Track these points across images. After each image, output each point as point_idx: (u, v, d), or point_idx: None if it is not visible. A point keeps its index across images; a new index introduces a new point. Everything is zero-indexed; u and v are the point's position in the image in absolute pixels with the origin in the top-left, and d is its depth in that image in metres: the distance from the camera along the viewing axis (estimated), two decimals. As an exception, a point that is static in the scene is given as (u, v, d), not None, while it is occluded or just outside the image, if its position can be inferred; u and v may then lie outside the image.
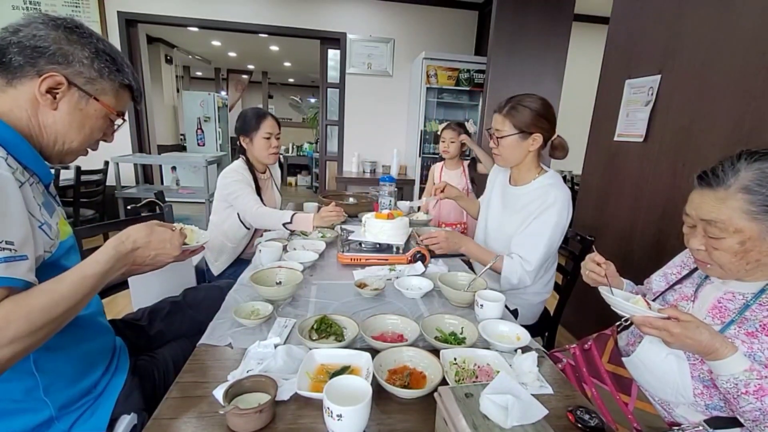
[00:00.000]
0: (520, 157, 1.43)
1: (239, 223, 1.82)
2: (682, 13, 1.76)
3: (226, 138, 6.75)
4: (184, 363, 0.83)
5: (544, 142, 1.42)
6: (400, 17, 4.30)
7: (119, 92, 0.82)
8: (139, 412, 0.85)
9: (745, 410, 0.73)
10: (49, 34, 0.71)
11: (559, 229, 1.37)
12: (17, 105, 0.71)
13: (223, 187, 1.80)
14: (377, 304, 1.16)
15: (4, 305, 0.57)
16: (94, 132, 0.81)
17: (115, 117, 0.83)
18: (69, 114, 0.75)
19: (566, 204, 1.37)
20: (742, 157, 0.79)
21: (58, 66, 0.72)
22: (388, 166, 4.53)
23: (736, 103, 1.50)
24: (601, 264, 1.00)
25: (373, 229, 1.52)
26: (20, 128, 0.71)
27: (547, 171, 1.46)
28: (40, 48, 0.70)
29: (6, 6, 3.65)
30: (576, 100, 4.18)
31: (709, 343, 0.74)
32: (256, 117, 1.86)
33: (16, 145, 0.69)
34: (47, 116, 0.74)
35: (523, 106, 1.38)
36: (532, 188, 1.44)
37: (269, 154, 1.89)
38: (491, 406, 0.60)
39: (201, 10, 3.98)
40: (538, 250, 1.35)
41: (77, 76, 0.74)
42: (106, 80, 0.78)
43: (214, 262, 1.86)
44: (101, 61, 0.77)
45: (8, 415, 0.70)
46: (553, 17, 3.05)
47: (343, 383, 0.69)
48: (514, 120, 1.38)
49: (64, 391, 0.76)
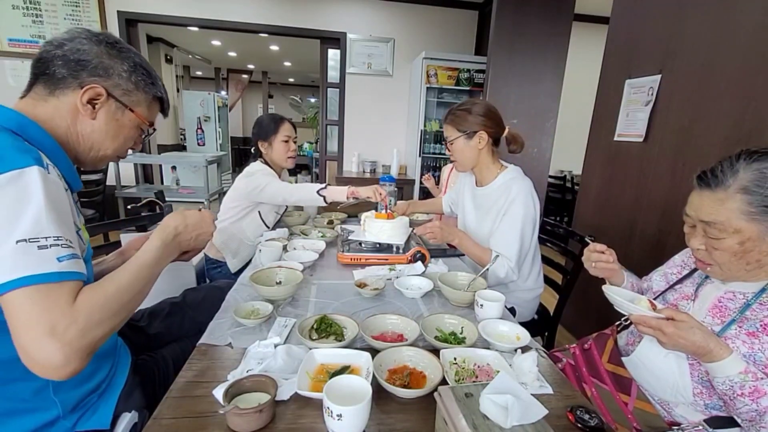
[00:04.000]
0: (473, 157, 1.50)
1: (259, 221, 1.83)
2: (683, 13, 1.76)
3: (226, 138, 6.74)
4: (184, 363, 0.84)
5: (493, 139, 1.48)
6: (400, 17, 4.30)
7: (151, 104, 0.88)
8: (140, 410, 0.86)
9: (741, 411, 0.73)
10: (92, 49, 0.77)
11: (529, 219, 1.41)
12: (58, 114, 0.76)
13: (247, 185, 1.79)
14: (377, 304, 1.16)
15: (84, 293, 0.64)
16: (126, 141, 0.87)
17: (146, 127, 0.89)
18: (106, 123, 0.80)
19: (528, 194, 1.42)
20: (741, 158, 0.79)
21: (99, 78, 0.77)
22: (388, 165, 4.53)
23: (736, 103, 1.50)
24: (605, 252, 1.00)
25: (373, 229, 1.52)
26: (58, 135, 0.76)
27: (507, 167, 1.53)
28: (83, 61, 0.76)
29: (6, 5, 3.65)
30: (576, 100, 4.18)
31: (703, 344, 0.74)
32: (274, 122, 1.89)
33: (54, 153, 0.73)
34: (85, 125, 0.79)
35: (461, 110, 1.48)
36: (496, 186, 1.50)
37: (288, 158, 1.93)
38: (491, 406, 0.60)
39: (201, 9, 3.98)
40: (513, 245, 1.39)
41: (116, 88, 0.80)
42: (141, 92, 0.84)
43: (231, 259, 1.87)
44: (138, 74, 0.82)
45: (18, 415, 0.71)
46: (553, 17, 3.04)
47: (343, 383, 0.69)
48: (455, 124, 1.48)
49: (72, 392, 0.77)
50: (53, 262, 0.60)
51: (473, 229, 1.60)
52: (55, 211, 0.63)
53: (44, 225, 0.61)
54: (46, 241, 0.60)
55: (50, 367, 0.58)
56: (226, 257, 1.88)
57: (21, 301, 0.58)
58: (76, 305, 0.61)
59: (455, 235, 1.47)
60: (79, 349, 0.60)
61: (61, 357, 0.58)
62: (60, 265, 0.61)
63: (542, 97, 3.18)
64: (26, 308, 0.58)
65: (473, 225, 1.60)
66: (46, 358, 0.58)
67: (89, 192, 3.38)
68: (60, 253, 0.61)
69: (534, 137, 3.18)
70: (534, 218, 1.43)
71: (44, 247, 0.60)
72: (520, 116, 3.12)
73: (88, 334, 0.62)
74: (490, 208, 1.50)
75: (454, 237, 1.47)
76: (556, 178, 4.71)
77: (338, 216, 2.04)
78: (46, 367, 0.58)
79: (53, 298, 0.59)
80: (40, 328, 0.57)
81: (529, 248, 1.48)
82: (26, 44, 3.74)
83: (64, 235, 0.64)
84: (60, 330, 0.58)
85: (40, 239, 0.60)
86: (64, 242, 0.63)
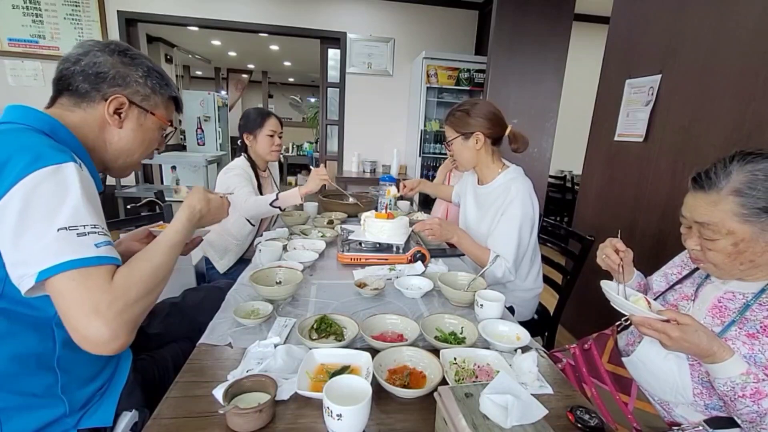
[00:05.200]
0: (471, 157, 1.51)
1: (244, 220, 1.83)
2: (683, 13, 1.76)
3: (226, 137, 6.73)
4: (184, 362, 0.84)
5: (492, 139, 1.49)
6: (401, 17, 4.30)
7: (168, 104, 0.91)
8: (140, 409, 0.86)
9: (742, 412, 0.73)
10: (106, 60, 0.80)
11: (527, 219, 1.41)
12: (86, 124, 0.80)
13: (222, 183, 1.81)
14: (377, 304, 1.16)
15: (120, 273, 0.68)
16: (152, 144, 0.91)
17: (167, 127, 0.92)
18: (133, 131, 0.85)
19: (527, 194, 1.43)
20: (735, 159, 0.80)
21: (119, 88, 0.81)
22: (388, 165, 4.53)
23: (737, 104, 1.50)
24: (620, 252, 1.00)
25: (373, 229, 1.52)
26: (86, 142, 0.80)
27: (508, 167, 1.53)
28: (101, 74, 0.79)
29: (6, 5, 3.65)
30: (576, 100, 4.19)
31: (707, 346, 0.74)
32: (260, 115, 1.91)
33: (82, 156, 0.76)
34: (113, 134, 0.83)
35: (460, 111, 1.49)
36: (496, 185, 1.51)
37: (271, 151, 1.95)
38: (491, 406, 0.60)
39: (201, 9, 3.98)
40: (510, 245, 1.39)
41: (135, 95, 0.83)
42: (158, 95, 0.87)
43: (219, 260, 1.87)
44: (152, 78, 0.85)
45: (27, 410, 0.72)
46: (553, 17, 3.04)
47: (343, 383, 0.69)
48: (453, 125, 1.51)
49: (78, 391, 0.78)
50: (91, 248, 0.64)
51: (473, 226, 1.60)
52: (91, 203, 0.68)
53: (82, 214, 0.65)
54: (84, 229, 0.65)
55: (100, 343, 0.63)
56: (213, 257, 1.88)
57: (65, 285, 0.62)
58: (114, 284, 0.65)
59: (454, 233, 1.47)
60: (123, 323, 0.64)
61: (108, 332, 0.62)
62: (98, 250, 0.65)
63: (542, 97, 3.18)
64: (71, 291, 0.62)
65: (474, 223, 1.61)
66: (95, 334, 0.62)
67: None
68: (97, 239, 0.66)
69: (534, 137, 3.17)
70: (532, 219, 1.43)
71: (83, 234, 0.64)
72: (520, 116, 3.12)
73: (128, 310, 0.66)
74: (489, 207, 1.51)
75: (453, 235, 1.47)
76: (556, 178, 4.71)
77: (338, 216, 2.04)
78: (96, 343, 0.63)
79: (93, 279, 0.63)
80: (86, 307, 0.62)
81: (527, 249, 1.48)
82: (26, 44, 3.74)
83: (100, 223, 0.68)
84: (103, 308, 0.62)
85: (79, 227, 0.64)
86: (101, 230, 0.67)
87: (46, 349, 0.72)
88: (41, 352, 0.72)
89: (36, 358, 0.72)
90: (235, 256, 1.88)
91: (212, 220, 0.95)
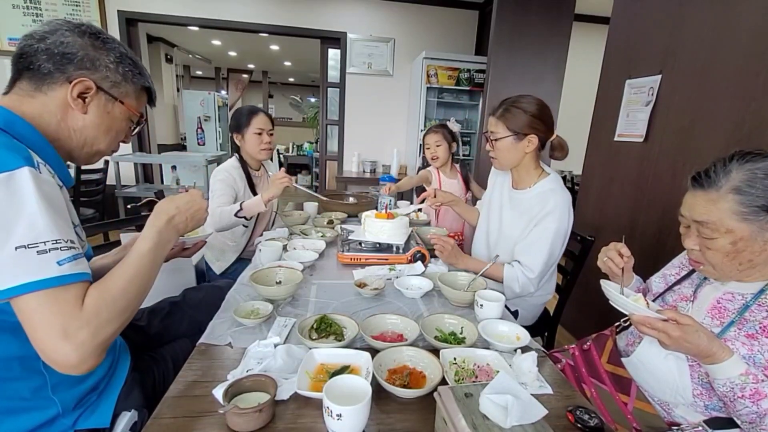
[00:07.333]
0: (516, 159, 1.42)
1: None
2: (683, 13, 1.76)
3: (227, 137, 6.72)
4: (183, 362, 0.84)
5: (541, 144, 1.40)
6: (401, 17, 4.30)
7: (140, 95, 0.86)
8: (139, 409, 0.86)
9: (741, 413, 0.73)
10: (75, 41, 0.74)
11: (561, 234, 1.35)
12: (47, 110, 0.74)
13: (210, 185, 1.81)
14: (377, 304, 1.16)
15: (90, 294, 0.65)
16: (119, 134, 0.85)
17: (136, 118, 0.86)
18: (98, 117, 0.78)
19: (566, 210, 1.35)
20: (735, 158, 0.80)
21: (87, 71, 0.75)
22: (388, 165, 4.53)
23: (737, 104, 1.50)
24: (624, 257, 1.00)
25: (373, 229, 1.52)
26: (48, 133, 0.74)
27: (548, 174, 1.43)
28: (68, 54, 0.73)
29: (6, 5, 3.65)
30: (576, 100, 4.18)
31: (707, 347, 0.74)
32: (248, 114, 1.87)
33: (43, 150, 0.72)
34: (77, 120, 0.76)
35: (517, 108, 1.36)
36: (534, 193, 1.42)
37: (261, 150, 1.89)
38: (491, 406, 0.60)
39: (201, 9, 3.98)
40: (539, 258, 1.34)
41: (104, 80, 0.77)
42: (129, 83, 0.82)
43: (216, 261, 1.86)
44: (125, 65, 0.80)
45: (17, 413, 0.71)
46: (553, 17, 3.04)
47: (343, 383, 0.69)
48: (507, 122, 1.37)
49: (70, 390, 0.77)
50: (53, 267, 0.61)
51: (496, 227, 1.53)
52: (51, 213, 0.63)
53: (41, 229, 0.61)
54: (45, 246, 0.60)
55: (68, 366, 0.61)
56: (210, 259, 1.87)
57: (30, 306, 0.60)
58: (85, 307, 0.63)
59: (459, 262, 1.43)
60: (93, 348, 0.62)
61: (77, 357, 0.61)
62: (60, 268, 0.61)
63: (542, 97, 3.16)
64: (37, 313, 0.60)
65: (496, 223, 1.54)
66: (63, 359, 0.60)
67: (89, 191, 3.38)
68: (60, 256, 0.62)
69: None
70: (566, 233, 1.37)
71: (43, 252, 0.60)
72: (520, 116, 3.11)
73: (100, 332, 0.63)
74: (523, 212, 1.43)
75: (459, 263, 1.43)
76: (556, 178, 4.70)
77: (338, 216, 2.04)
78: (64, 366, 0.61)
79: (61, 302, 0.61)
80: (53, 331, 0.59)
81: (555, 262, 1.42)
82: (26, 44, 3.74)
83: (63, 236, 0.63)
84: (72, 332, 0.60)
85: (39, 244, 0.60)
86: (64, 245, 0.63)
87: (28, 353, 0.67)
88: (24, 356, 0.69)
89: (19, 362, 0.70)
90: (232, 257, 1.88)
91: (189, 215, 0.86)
